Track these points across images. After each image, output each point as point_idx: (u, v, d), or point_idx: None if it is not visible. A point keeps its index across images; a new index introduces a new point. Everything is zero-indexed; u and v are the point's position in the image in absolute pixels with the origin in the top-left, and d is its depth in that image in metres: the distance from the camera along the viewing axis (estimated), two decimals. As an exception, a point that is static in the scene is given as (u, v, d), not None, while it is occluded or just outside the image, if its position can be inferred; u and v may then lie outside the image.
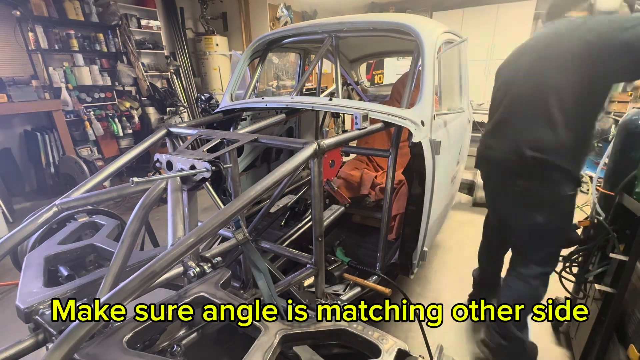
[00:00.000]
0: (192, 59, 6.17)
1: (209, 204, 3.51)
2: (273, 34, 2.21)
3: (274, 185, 1.04)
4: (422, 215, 1.67)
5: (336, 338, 0.97)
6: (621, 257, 1.41)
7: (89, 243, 1.32)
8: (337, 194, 2.38)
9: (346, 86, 3.28)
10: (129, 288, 0.75)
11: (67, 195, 1.20)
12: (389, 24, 1.80)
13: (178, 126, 1.64)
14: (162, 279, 0.97)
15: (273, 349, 0.82)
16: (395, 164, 1.72)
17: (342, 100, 1.74)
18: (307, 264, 1.40)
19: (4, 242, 1.03)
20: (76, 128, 4.43)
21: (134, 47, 4.95)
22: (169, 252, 0.81)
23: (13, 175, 4.11)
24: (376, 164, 2.96)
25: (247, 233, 1.25)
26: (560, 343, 1.91)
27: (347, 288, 1.73)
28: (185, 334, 1.05)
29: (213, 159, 1.15)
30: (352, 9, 8.01)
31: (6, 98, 3.70)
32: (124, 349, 0.79)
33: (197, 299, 0.97)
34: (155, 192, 1.12)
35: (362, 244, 2.35)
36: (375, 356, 0.85)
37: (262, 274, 1.16)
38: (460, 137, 2.34)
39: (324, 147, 1.17)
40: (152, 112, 5.30)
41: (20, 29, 4.03)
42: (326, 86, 4.16)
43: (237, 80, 2.25)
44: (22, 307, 0.92)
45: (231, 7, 6.57)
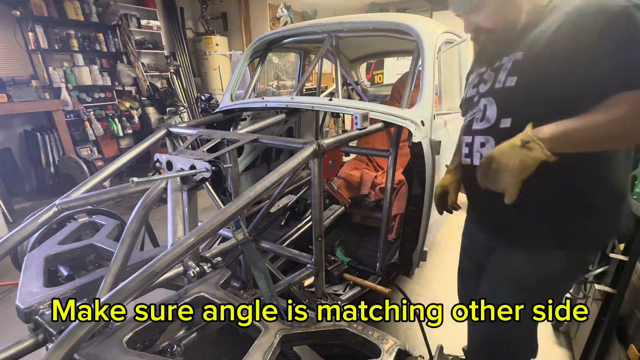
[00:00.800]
0: (192, 59, 6.17)
1: (209, 204, 3.51)
2: (273, 34, 2.21)
3: (274, 185, 1.04)
4: (422, 215, 1.67)
5: (336, 338, 0.97)
6: (621, 257, 1.41)
7: (89, 243, 1.31)
8: (337, 194, 2.39)
9: (346, 86, 3.28)
10: (129, 288, 0.74)
11: (67, 195, 1.20)
12: (389, 24, 1.80)
13: (178, 126, 1.64)
14: (162, 279, 0.97)
15: (273, 349, 0.82)
16: (395, 164, 1.72)
17: (342, 100, 1.74)
18: (307, 264, 1.40)
19: (4, 242, 1.03)
20: (76, 128, 4.43)
21: (134, 47, 4.95)
22: (169, 252, 0.81)
23: (13, 175, 4.11)
24: (376, 164, 2.96)
25: (247, 233, 1.25)
26: (560, 343, 1.91)
27: (347, 288, 1.73)
28: (185, 334, 1.05)
29: (213, 159, 1.15)
30: (352, 9, 8.01)
31: (6, 98, 3.70)
32: (124, 349, 0.79)
33: (197, 299, 0.97)
34: (155, 192, 1.12)
35: (362, 244, 2.34)
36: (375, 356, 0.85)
37: (262, 274, 1.16)
38: (460, 137, 2.34)
39: (323, 147, 1.17)
40: (152, 112, 5.30)
41: (20, 29, 4.03)
42: (326, 86, 4.16)
43: (237, 80, 2.25)
44: (22, 307, 0.92)
45: (231, 7, 6.57)
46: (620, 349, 1.38)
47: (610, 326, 1.44)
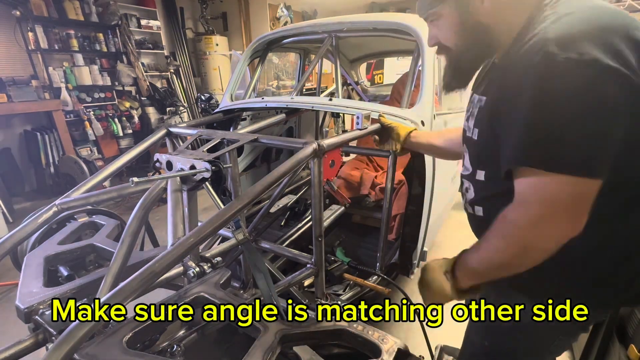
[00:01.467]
0: (192, 59, 6.17)
1: (209, 204, 3.51)
2: (273, 34, 2.21)
3: (273, 185, 1.04)
4: (422, 215, 1.67)
5: (336, 338, 0.97)
6: (621, 257, 1.41)
7: (88, 243, 1.31)
8: (337, 194, 2.38)
9: (346, 86, 3.28)
10: (129, 288, 0.74)
11: (67, 195, 1.20)
12: (389, 24, 1.80)
13: (178, 126, 1.63)
14: (162, 279, 0.97)
15: (273, 349, 0.82)
16: (395, 164, 1.72)
17: (342, 100, 1.74)
18: (307, 264, 1.40)
19: (4, 242, 1.03)
20: (76, 128, 4.43)
21: (134, 47, 4.96)
22: (169, 252, 0.81)
23: (13, 175, 4.11)
24: (376, 164, 2.96)
25: (247, 233, 1.25)
26: (560, 343, 1.91)
27: (347, 288, 1.73)
28: (185, 334, 1.05)
29: (213, 159, 1.15)
30: (352, 9, 8.01)
31: (6, 98, 3.70)
32: (124, 349, 0.79)
33: (197, 299, 0.97)
34: (155, 192, 1.12)
35: (362, 244, 2.34)
36: (375, 356, 0.85)
37: (262, 274, 1.16)
38: (460, 137, 2.34)
39: (323, 147, 1.17)
40: (152, 112, 5.30)
41: (20, 29, 4.04)
42: (326, 86, 4.16)
43: (237, 80, 2.25)
44: (22, 307, 0.92)
45: (231, 7, 6.57)
46: (620, 349, 1.38)
47: (610, 326, 1.44)
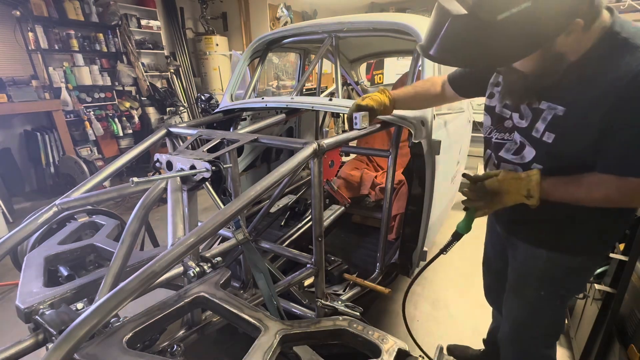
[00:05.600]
0: (192, 59, 6.17)
1: (209, 204, 3.51)
2: (273, 34, 2.21)
3: (274, 185, 1.04)
4: (422, 215, 1.67)
5: (336, 338, 0.97)
6: (621, 257, 1.41)
7: (89, 243, 1.31)
8: (337, 194, 2.39)
9: (346, 86, 3.28)
10: (129, 288, 0.74)
11: (67, 195, 1.20)
12: (389, 24, 1.80)
13: (178, 126, 1.63)
14: (162, 279, 0.97)
15: (273, 349, 0.82)
16: (395, 164, 1.73)
17: (342, 100, 1.74)
18: (307, 264, 1.40)
19: (4, 242, 1.03)
20: (76, 128, 4.43)
21: (134, 47, 4.95)
22: (169, 252, 0.81)
23: (13, 175, 4.11)
24: (376, 164, 2.96)
25: (247, 233, 1.25)
26: (561, 343, 1.91)
27: (347, 288, 1.73)
28: (185, 334, 1.05)
29: (213, 159, 1.15)
30: (352, 9, 8.02)
31: (6, 98, 3.70)
32: (124, 349, 0.79)
33: (197, 299, 0.97)
34: (155, 192, 1.12)
35: (362, 244, 2.34)
36: (375, 356, 0.85)
37: (262, 274, 1.16)
38: (460, 137, 2.34)
39: (323, 147, 1.17)
40: (152, 112, 5.30)
41: (20, 29, 4.03)
42: (326, 86, 4.16)
43: (237, 80, 2.25)
44: (22, 307, 0.92)
45: (231, 7, 6.57)
46: (620, 349, 1.38)
47: (610, 326, 1.44)
